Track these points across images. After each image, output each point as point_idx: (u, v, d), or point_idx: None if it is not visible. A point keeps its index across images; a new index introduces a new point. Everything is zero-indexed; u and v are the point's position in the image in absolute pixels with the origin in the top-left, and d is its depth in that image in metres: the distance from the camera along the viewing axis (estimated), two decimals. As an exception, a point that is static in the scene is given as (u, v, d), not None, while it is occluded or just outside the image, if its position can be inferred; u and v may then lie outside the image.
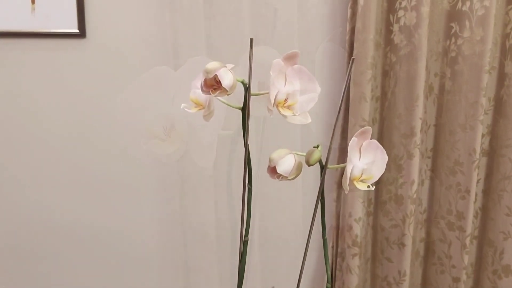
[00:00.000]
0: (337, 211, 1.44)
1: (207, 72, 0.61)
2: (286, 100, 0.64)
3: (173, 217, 1.51)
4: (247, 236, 0.74)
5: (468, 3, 1.26)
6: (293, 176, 0.66)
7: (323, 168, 0.67)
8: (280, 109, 0.64)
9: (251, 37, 0.63)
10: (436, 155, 1.39)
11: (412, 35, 1.27)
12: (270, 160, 0.64)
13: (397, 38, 1.31)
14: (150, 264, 1.55)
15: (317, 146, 0.66)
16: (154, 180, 1.48)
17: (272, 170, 0.65)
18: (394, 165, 1.36)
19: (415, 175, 1.32)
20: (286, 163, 0.65)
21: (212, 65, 0.61)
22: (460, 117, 1.32)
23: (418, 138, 1.31)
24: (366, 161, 0.65)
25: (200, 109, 0.69)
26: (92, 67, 1.40)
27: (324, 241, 0.75)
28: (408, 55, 1.29)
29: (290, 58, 0.64)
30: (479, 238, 1.42)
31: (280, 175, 0.65)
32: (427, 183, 1.42)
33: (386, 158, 0.66)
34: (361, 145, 0.65)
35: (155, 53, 1.39)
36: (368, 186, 0.64)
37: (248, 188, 0.72)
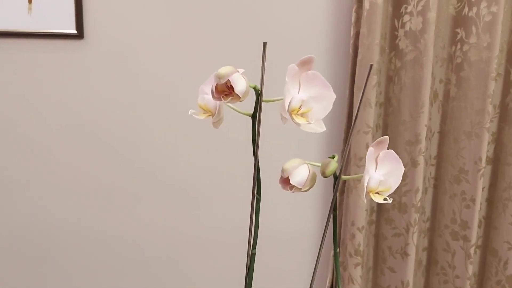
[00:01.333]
0: (339, 219, 1.41)
1: (219, 77, 0.58)
2: (300, 107, 0.60)
3: (174, 224, 1.47)
4: (255, 248, 0.70)
5: (475, 9, 1.24)
6: (307, 188, 0.62)
7: (336, 178, 0.64)
8: (294, 116, 0.60)
9: (264, 41, 0.59)
10: (440, 162, 1.37)
11: (418, 41, 1.25)
12: (283, 171, 0.61)
13: (402, 43, 1.28)
14: (150, 270, 1.52)
15: (333, 157, 0.63)
16: (154, 185, 1.45)
17: (285, 181, 0.62)
18: (398, 173, 1.33)
19: (419, 183, 1.30)
20: (300, 174, 0.62)
21: (224, 70, 0.58)
22: (466, 124, 1.29)
23: (423, 145, 1.28)
24: (382, 172, 0.62)
25: (208, 115, 0.66)
26: (90, 69, 1.37)
27: (336, 254, 0.72)
28: (413, 60, 1.27)
29: (305, 63, 0.61)
30: (483, 247, 1.39)
31: (293, 186, 0.62)
32: (430, 191, 1.39)
33: (403, 168, 0.64)
34: (378, 155, 0.62)
35: (154, 55, 1.36)
36: (385, 199, 0.61)
37: (257, 199, 0.69)
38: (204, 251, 1.50)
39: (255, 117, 0.66)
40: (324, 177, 0.61)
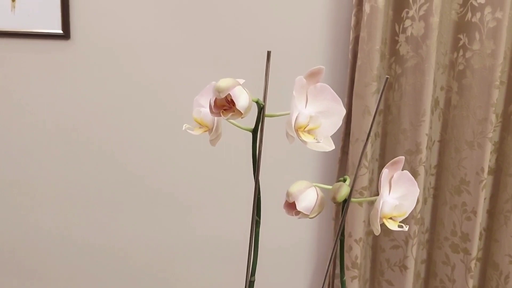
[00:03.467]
0: (336, 230, 1.36)
1: (219, 91, 0.52)
2: (307, 123, 0.55)
3: (165, 233, 1.41)
4: (254, 275, 0.65)
5: (478, 14, 1.20)
6: (315, 214, 0.57)
7: (345, 202, 0.58)
8: (300, 133, 0.55)
9: (268, 50, 0.54)
10: (440, 172, 1.33)
11: (420, 47, 1.20)
12: (288, 195, 0.55)
13: (403, 49, 1.23)
14: (140, 280, 1.45)
15: (344, 180, 0.57)
16: (144, 192, 1.38)
17: (290, 206, 0.56)
18: (397, 183, 1.29)
19: (419, 194, 1.25)
20: (308, 198, 0.56)
21: (225, 82, 0.52)
22: (468, 133, 1.25)
23: (423, 155, 1.24)
24: (397, 195, 0.57)
25: (205, 130, 0.60)
26: (76, 70, 1.30)
27: (343, 283, 0.67)
28: (414, 67, 1.22)
29: (314, 75, 0.55)
30: (483, 260, 1.35)
31: (300, 212, 0.56)
32: (430, 202, 1.35)
33: (418, 191, 0.58)
34: (391, 177, 0.57)
35: (144, 56, 1.30)
36: (401, 226, 0.56)
37: (256, 221, 0.63)
38: (196, 261, 1.44)
39: (256, 132, 0.60)
40: (335, 202, 0.56)
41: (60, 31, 1.25)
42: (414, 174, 1.25)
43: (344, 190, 0.55)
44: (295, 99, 0.53)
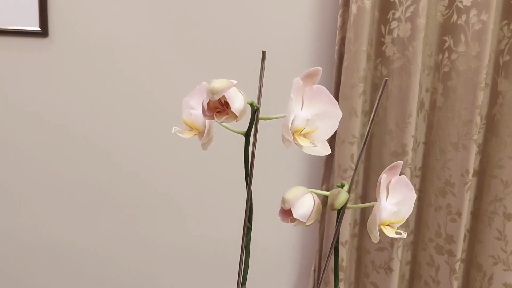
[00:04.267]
0: (321, 232, 1.34)
1: (213, 92, 0.49)
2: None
3: (155, 235, 1.38)
4: (245, 284, 0.62)
5: (464, 16, 1.20)
6: (312, 222, 0.55)
7: (340, 208, 0.56)
8: (296, 137, 0.53)
9: (264, 50, 0.51)
10: (425, 174, 1.32)
11: (406, 48, 1.20)
12: (284, 202, 0.53)
13: (389, 50, 1.23)
14: (130, 281, 1.41)
15: (342, 186, 0.55)
16: (129, 197, 1.35)
17: (286, 213, 0.54)
18: (383, 185, 1.28)
19: (405, 196, 1.25)
20: (305, 205, 0.54)
21: (219, 83, 0.49)
22: (453, 135, 1.25)
23: (409, 157, 1.23)
24: (394, 201, 0.55)
25: (196, 133, 0.57)
26: (55, 69, 1.26)
27: (337, 290, 0.65)
28: (400, 68, 1.22)
29: (310, 77, 0.53)
30: (467, 261, 1.36)
31: (296, 219, 0.54)
32: (414, 203, 1.34)
33: (415, 196, 0.57)
34: (389, 182, 0.55)
35: (125, 54, 1.26)
36: (400, 233, 0.54)
37: (248, 228, 0.61)
38: (188, 262, 1.41)
39: (248, 135, 0.58)
40: (332, 209, 0.54)
41: (38, 29, 1.21)
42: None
43: (342, 196, 0.53)
44: (292, 102, 0.51)
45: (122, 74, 1.28)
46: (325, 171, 1.31)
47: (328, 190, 1.33)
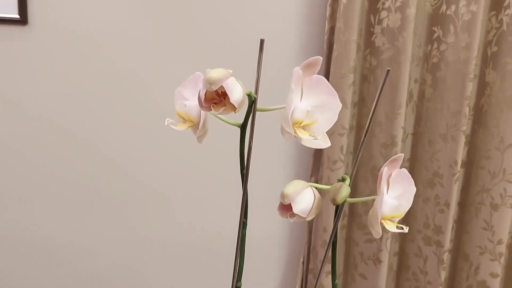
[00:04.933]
0: (309, 224, 1.33)
1: (210, 82, 0.46)
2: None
3: (136, 235, 1.35)
4: (240, 281, 0.60)
5: (453, 7, 1.19)
6: (312, 217, 0.53)
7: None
8: (296, 129, 0.51)
9: (262, 38, 0.49)
10: (413, 165, 1.32)
11: (396, 38, 1.19)
12: (283, 197, 0.51)
13: (379, 40, 1.21)
14: (109, 282, 1.38)
15: (344, 179, 0.53)
16: (116, 192, 1.31)
17: (285, 208, 0.52)
18: (372, 177, 1.27)
19: (394, 188, 1.24)
20: (305, 200, 0.52)
21: (217, 73, 0.47)
22: (441, 126, 1.25)
23: (399, 148, 1.23)
24: (394, 195, 0.54)
25: (190, 126, 0.55)
26: (34, 58, 1.21)
27: (334, 286, 0.63)
28: (390, 59, 1.20)
29: (310, 67, 0.51)
30: (454, 252, 1.37)
31: (295, 214, 0.52)
32: (403, 194, 1.34)
33: (415, 189, 0.56)
34: (389, 175, 0.54)
35: (109, 43, 1.22)
36: (401, 228, 0.53)
37: (243, 223, 0.59)
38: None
39: (244, 127, 0.56)
40: (334, 204, 0.52)
41: (17, 16, 1.16)
42: (389, 167, 1.24)
43: (344, 190, 0.52)
44: (293, 93, 0.49)
45: (106, 64, 1.24)
46: (314, 163, 1.30)
47: (317, 182, 1.32)
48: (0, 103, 1.24)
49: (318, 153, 1.29)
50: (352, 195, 1.33)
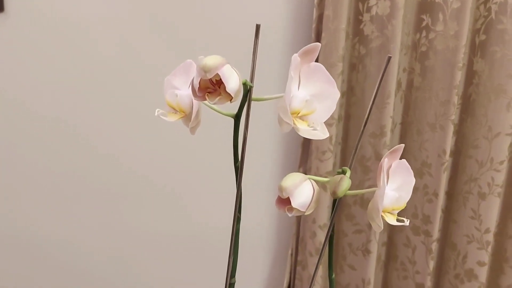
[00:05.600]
0: (298, 216, 1.32)
1: (205, 70, 0.44)
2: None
3: (125, 229, 1.31)
4: (234, 277, 0.58)
5: (442, -5, 1.17)
6: (311, 211, 0.51)
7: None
8: (294, 119, 0.48)
9: (257, 23, 0.47)
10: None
11: (385, 27, 1.17)
12: (281, 190, 0.49)
13: (368, 28, 1.20)
14: (100, 278, 1.35)
15: (344, 171, 0.51)
16: (105, 185, 1.27)
17: (283, 202, 0.50)
18: (361, 167, 1.26)
19: (383, 178, 1.23)
20: (304, 194, 0.50)
21: (212, 60, 0.44)
22: (430, 115, 1.24)
23: (388, 138, 1.22)
24: (394, 186, 0.52)
25: (182, 116, 0.52)
26: (11, 46, 1.16)
27: (331, 281, 0.62)
28: (379, 47, 1.19)
29: (308, 53, 0.49)
30: (441, 241, 1.37)
31: (294, 209, 0.50)
32: (391, 184, 1.34)
33: (414, 180, 0.54)
34: (389, 167, 0.52)
35: (89, 31, 1.18)
36: (402, 221, 0.51)
37: (238, 217, 0.56)
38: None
39: (239, 118, 0.53)
40: (335, 197, 0.50)
41: (-8, 2, 1.11)
42: (378, 157, 1.23)
43: (345, 183, 0.50)
44: (292, 81, 0.47)
45: (87, 52, 1.19)
46: (302, 154, 1.28)
47: (305, 173, 1.30)
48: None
49: (306, 144, 1.27)
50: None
